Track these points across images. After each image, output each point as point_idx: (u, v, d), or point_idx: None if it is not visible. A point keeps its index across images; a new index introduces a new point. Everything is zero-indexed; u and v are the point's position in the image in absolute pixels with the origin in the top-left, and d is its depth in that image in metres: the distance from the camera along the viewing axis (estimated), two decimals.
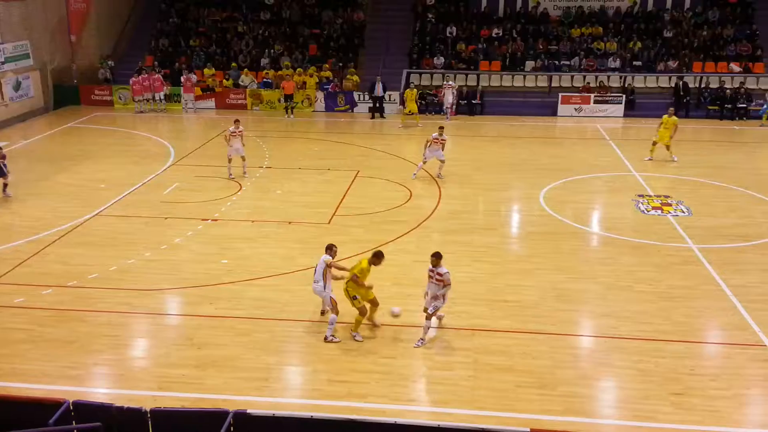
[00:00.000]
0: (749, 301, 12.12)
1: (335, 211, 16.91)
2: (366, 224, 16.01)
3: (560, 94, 28.63)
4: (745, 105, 27.25)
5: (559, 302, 12.27)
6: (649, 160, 21.17)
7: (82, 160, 21.38)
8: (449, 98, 27.97)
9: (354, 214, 16.67)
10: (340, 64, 30.70)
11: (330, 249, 11.27)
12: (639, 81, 29.24)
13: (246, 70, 30.35)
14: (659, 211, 16.80)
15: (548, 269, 13.63)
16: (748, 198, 17.80)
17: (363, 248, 13.94)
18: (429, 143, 19.45)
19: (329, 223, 16.22)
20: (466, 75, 30.17)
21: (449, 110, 28.05)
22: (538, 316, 11.79)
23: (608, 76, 29.30)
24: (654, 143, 21.28)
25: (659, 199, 17.61)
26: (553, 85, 29.64)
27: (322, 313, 11.61)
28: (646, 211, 16.85)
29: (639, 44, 30.10)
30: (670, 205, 17.19)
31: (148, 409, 7.56)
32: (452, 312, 11.84)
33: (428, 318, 10.91)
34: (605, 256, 14.53)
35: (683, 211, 16.74)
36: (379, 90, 28.35)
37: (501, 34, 31.48)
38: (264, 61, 31.01)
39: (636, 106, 28.24)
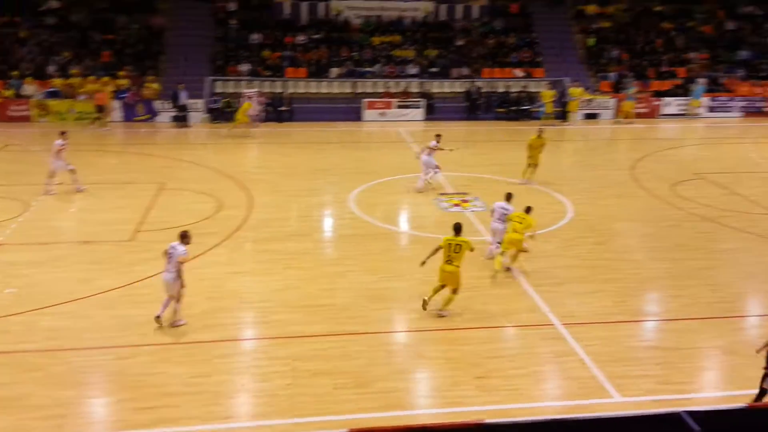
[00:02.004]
0: (538, 285, 13.29)
1: (139, 227, 16.02)
2: (174, 238, 15.28)
3: (365, 100, 29.52)
4: (527, 107, 29.93)
5: (372, 302, 12.61)
6: (525, 183, 19.99)
7: None
8: (254, 106, 27.66)
9: (160, 229, 15.88)
10: (138, 72, 29.18)
11: (184, 238, 11.24)
12: (436, 86, 30.98)
13: (30, 78, 27.79)
14: (459, 208, 17.90)
15: (360, 270, 13.96)
16: (533, 191, 19.51)
17: None
18: (429, 151, 19.18)
19: (132, 240, 15.33)
20: (273, 82, 30.07)
21: (255, 118, 27.65)
22: (353, 317, 12.02)
23: (408, 82, 30.73)
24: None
25: (458, 197, 18.77)
26: (357, 91, 30.49)
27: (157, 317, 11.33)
28: (447, 209, 17.87)
29: (435, 52, 31.88)
30: (468, 201, 18.39)
31: None
32: (268, 321, 11.74)
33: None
34: (413, 254, 15.14)
35: (479, 207, 17.98)
36: (182, 98, 27.35)
37: (306, 41, 31.78)
38: (51, 69, 28.59)
39: (435, 110, 29.88)
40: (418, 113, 29.62)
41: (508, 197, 14.53)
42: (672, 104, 30.58)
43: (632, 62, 32.22)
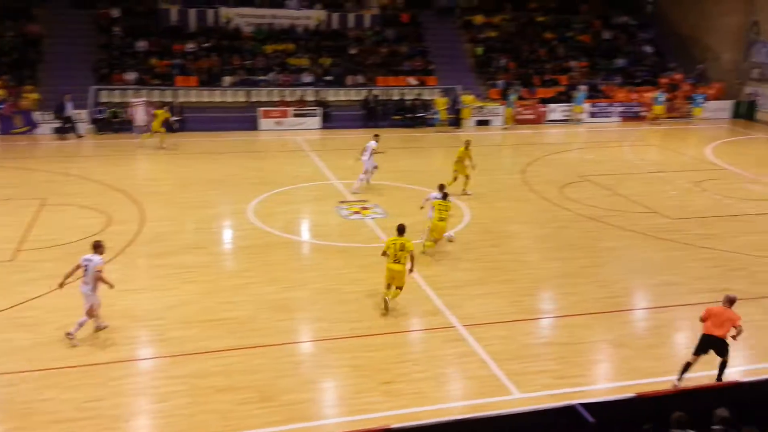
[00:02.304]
0: (439, 289, 13.56)
1: (20, 246, 15.04)
2: (60, 256, 14.45)
3: (260, 109, 29.14)
4: (422, 114, 30.54)
5: (275, 312, 12.43)
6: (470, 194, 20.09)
7: None
8: (141, 116, 26.69)
9: (45, 247, 15.00)
10: (15, 82, 27.45)
11: (98, 248, 11.11)
12: (332, 94, 31.03)
13: None
14: (359, 216, 17.99)
15: (262, 282, 13.73)
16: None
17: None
18: (370, 152, 19.73)
19: (13, 260, 14.37)
20: (162, 91, 29.11)
21: (142, 128, 26.63)
22: (256, 329, 11.79)
23: (304, 90, 30.61)
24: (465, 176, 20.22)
25: (359, 204, 18.86)
26: (252, 100, 30.05)
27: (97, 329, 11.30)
28: (347, 217, 17.92)
29: (329, 60, 31.94)
30: (368, 208, 18.52)
31: None
32: (165, 339, 11.33)
33: None
34: (314, 263, 15.13)
35: (380, 213, 18.14)
36: (68, 109, 25.99)
37: (195, 49, 30.99)
38: None
39: (331, 118, 29.92)
40: (315, 121, 29.56)
41: (444, 195, 15.41)
42: (557, 110, 32.10)
43: (518, 71, 33.59)
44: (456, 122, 30.22)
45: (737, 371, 10.78)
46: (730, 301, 10.45)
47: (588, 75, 34.20)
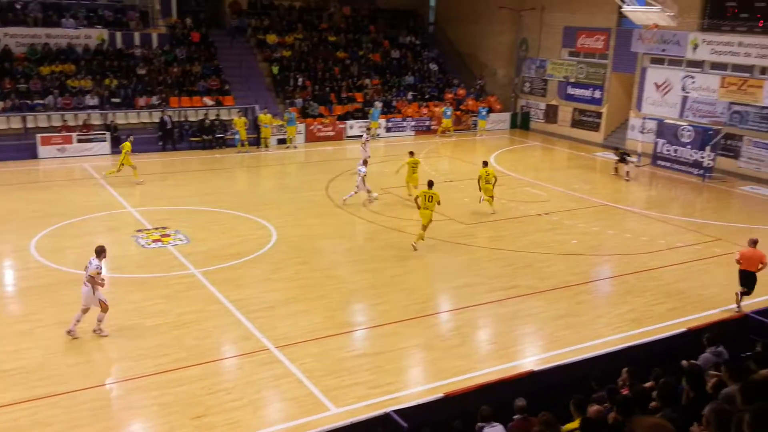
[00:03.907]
0: (250, 312, 13.26)
1: None
2: None
3: (39, 135, 26.65)
4: (222, 135, 29.85)
5: (67, 357, 11.39)
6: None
7: None
8: None
9: None
10: None
11: (100, 253, 11.99)
12: (121, 117, 29.24)
13: None
14: (159, 243, 17.07)
15: (51, 324, 12.49)
16: (236, 218, 19.48)
17: None
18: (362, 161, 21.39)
19: None
20: None
21: None
22: (46, 377, 10.70)
23: (89, 114, 28.51)
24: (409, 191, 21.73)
25: (158, 232, 17.90)
26: (29, 126, 27.38)
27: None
28: (147, 245, 16.93)
29: (115, 81, 30.10)
30: (169, 235, 17.64)
31: None
32: None
33: None
34: (113, 298, 13.96)
35: (182, 240, 17.36)
36: None
37: None
38: None
39: (121, 142, 28.09)
40: (103, 146, 27.62)
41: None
42: (354, 127, 33.02)
43: (315, 89, 34.11)
44: (257, 142, 29.92)
45: (530, 361, 11.74)
46: (754, 243, 13.63)
47: (381, 92, 35.63)
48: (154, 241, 17.27)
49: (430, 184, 17.59)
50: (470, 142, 33.72)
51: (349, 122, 33.03)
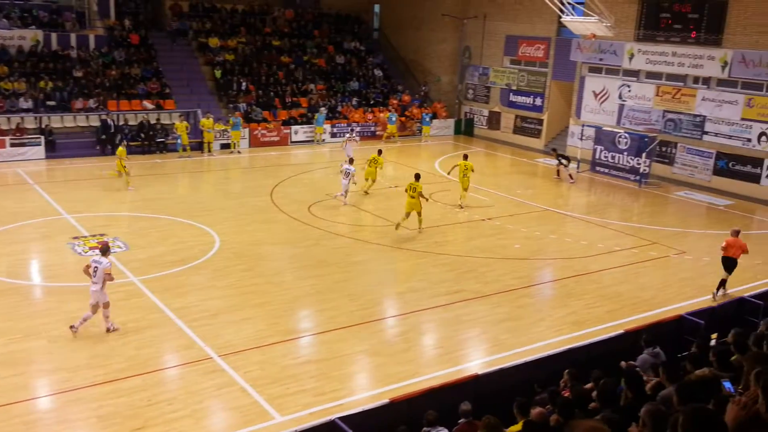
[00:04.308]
0: (192, 320, 12.99)
1: None
2: None
3: None
4: (163, 139, 29.23)
5: (1, 370, 10.90)
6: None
7: None
8: None
9: None
10: None
11: (106, 251, 12.41)
12: (56, 121, 28.31)
13: None
14: (97, 251, 16.52)
15: None
16: (178, 224, 19.07)
17: None
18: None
19: None
20: None
21: None
22: None
23: (22, 117, 27.51)
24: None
25: (95, 239, 17.38)
26: None
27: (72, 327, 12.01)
28: (84, 253, 16.40)
29: (50, 84, 29.14)
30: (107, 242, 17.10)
31: None
32: None
33: None
34: (47, 308, 13.57)
35: (120, 247, 16.91)
36: None
37: None
38: None
39: (57, 146, 27.27)
40: (38, 151, 26.68)
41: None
42: (299, 132, 32.83)
43: (259, 93, 33.76)
44: (199, 146, 29.41)
45: (475, 365, 11.87)
46: (737, 232, 14.96)
47: (326, 97, 35.53)
48: (92, 248, 16.74)
49: (417, 176, 19.13)
50: (415, 148, 33.96)
51: (294, 127, 32.82)
